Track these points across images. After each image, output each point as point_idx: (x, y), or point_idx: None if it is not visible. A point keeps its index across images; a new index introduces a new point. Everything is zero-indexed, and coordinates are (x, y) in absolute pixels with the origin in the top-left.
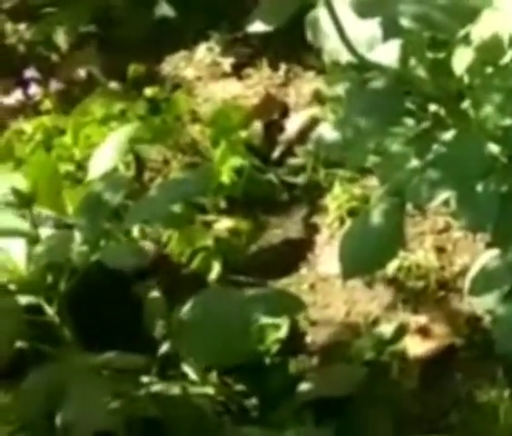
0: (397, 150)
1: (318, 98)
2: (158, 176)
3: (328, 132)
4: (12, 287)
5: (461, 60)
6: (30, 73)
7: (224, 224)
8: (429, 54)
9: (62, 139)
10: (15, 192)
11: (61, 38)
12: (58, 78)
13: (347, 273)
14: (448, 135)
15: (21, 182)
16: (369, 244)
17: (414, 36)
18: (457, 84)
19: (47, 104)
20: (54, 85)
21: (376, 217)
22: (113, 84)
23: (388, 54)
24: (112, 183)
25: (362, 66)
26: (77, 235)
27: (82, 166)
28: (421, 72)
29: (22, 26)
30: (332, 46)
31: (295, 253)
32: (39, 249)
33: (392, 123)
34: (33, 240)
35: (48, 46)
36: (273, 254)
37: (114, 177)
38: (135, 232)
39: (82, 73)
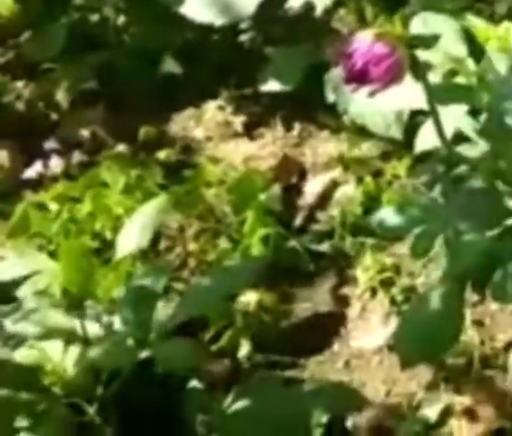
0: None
1: (336, 159)
2: (175, 245)
3: (389, 215)
4: (55, 390)
5: None
6: (51, 144)
7: (250, 297)
8: None
9: (80, 209)
10: (65, 292)
11: (61, 96)
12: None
13: (406, 362)
14: None
15: (46, 263)
16: (428, 331)
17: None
18: None
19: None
20: (77, 157)
21: (435, 302)
22: (121, 147)
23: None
24: (153, 269)
25: (453, 160)
26: (120, 327)
27: (106, 241)
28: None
29: (19, 83)
30: (358, 110)
31: (326, 328)
32: (91, 353)
33: (491, 225)
34: (80, 340)
35: (48, 104)
36: (303, 330)
37: (156, 264)
38: None
39: (85, 133)
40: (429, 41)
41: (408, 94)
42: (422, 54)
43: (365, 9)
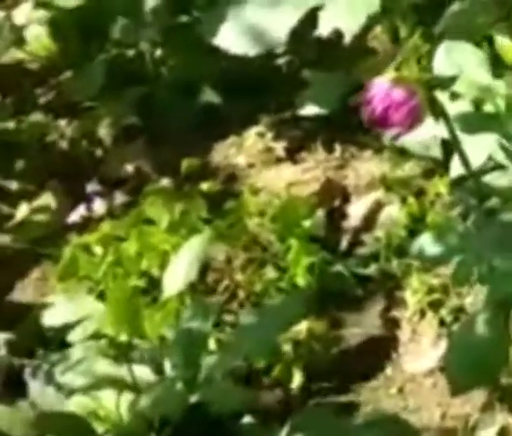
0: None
1: (379, 180)
2: (222, 277)
3: (428, 243)
4: None
5: None
6: (92, 186)
7: (299, 326)
8: None
9: (125, 249)
10: (111, 341)
11: (104, 132)
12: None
13: (457, 389)
14: None
15: (95, 306)
16: (477, 357)
17: None
18: None
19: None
20: (120, 196)
21: (481, 326)
22: (165, 180)
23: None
24: (202, 308)
25: (482, 192)
26: (170, 371)
27: (153, 280)
28: None
29: (62, 122)
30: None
31: (378, 353)
32: (142, 401)
33: None
34: (130, 387)
35: (91, 142)
36: (355, 356)
37: (203, 304)
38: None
39: (130, 168)
40: (448, 81)
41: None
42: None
43: (399, 28)
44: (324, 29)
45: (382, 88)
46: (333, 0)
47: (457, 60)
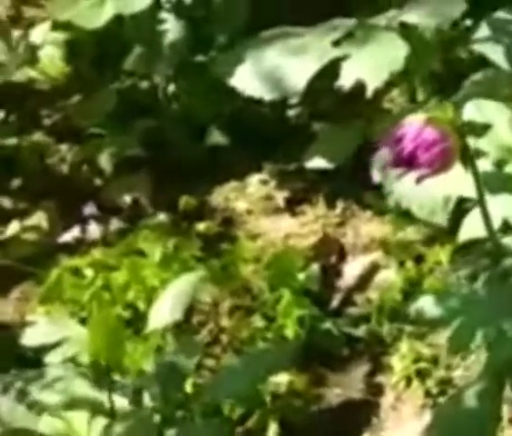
0: None
1: (379, 242)
2: (207, 320)
3: (429, 304)
4: None
5: None
6: (89, 209)
7: (280, 378)
8: None
9: (114, 278)
10: (93, 363)
11: (105, 161)
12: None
13: None
14: None
15: (76, 330)
16: (462, 432)
17: None
18: None
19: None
20: (116, 224)
21: (471, 400)
22: (161, 215)
23: None
24: (185, 346)
25: (499, 252)
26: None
27: (138, 312)
28: None
29: (64, 146)
30: (404, 192)
31: (358, 416)
32: (117, 428)
33: None
34: (106, 413)
35: (91, 169)
36: (333, 416)
37: (186, 341)
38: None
39: (127, 199)
40: (481, 129)
41: (457, 181)
42: (472, 141)
43: (417, 91)
44: (346, 80)
45: (414, 127)
46: (358, 52)
47: (488, 117)
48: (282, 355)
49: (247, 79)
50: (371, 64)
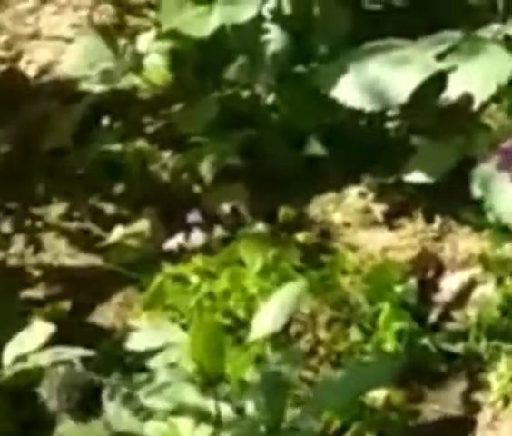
0: None
1: (477, 258)
2: (305, 331)
3: None
4: None
5: None
6: (194, 217)
7: (378, 393)
8: None
9: (216, 285)
10: (200, 369)
11: (206, 168)
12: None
13: None
14: None
15: (180, 336)
16: None
17: None
18: None
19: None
20: (218, 232)
21: None
22: (260, 225)
23: None
24: (287, 356)
25: None
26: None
27: (238, 320)
28: None
29: (166, 153)
30: (505, 208)
31: (454, 433)
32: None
33: None
34: (212, 420)
35: (192, 177)
36: (430, 432)
37: (288, 351)
38: None
39: (226, 208)
40: None
41: None
42: None
43: None
44: (453, 93)
45: None
46: (466, 64)
47: None
48: (382, 370)
49: (348, 90)
50: (480, 76)
